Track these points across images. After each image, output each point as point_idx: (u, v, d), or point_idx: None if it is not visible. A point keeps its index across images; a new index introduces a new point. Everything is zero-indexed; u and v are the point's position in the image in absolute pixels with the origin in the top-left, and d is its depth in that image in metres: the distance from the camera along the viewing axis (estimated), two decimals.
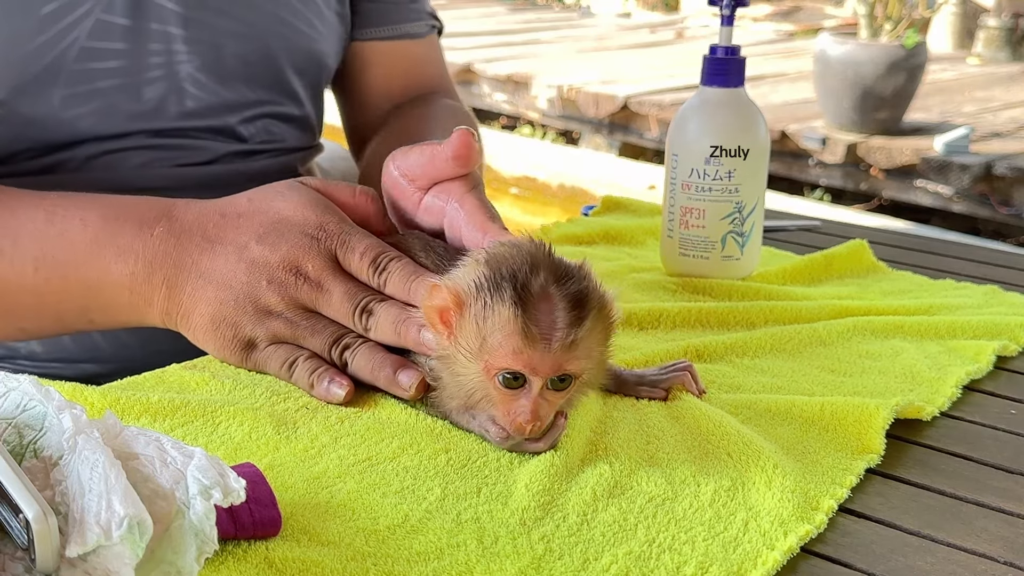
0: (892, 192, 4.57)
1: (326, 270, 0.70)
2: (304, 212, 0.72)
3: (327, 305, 0.70)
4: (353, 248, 0.70)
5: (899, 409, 0.70)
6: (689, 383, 0.72)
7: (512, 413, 0.61)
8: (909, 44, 4.45)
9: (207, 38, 0.91)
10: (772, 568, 0.53)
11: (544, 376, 0.60)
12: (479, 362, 0.60)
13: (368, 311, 0.68)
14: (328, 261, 0.70)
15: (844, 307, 0.89)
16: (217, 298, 0.71)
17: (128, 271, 0.73)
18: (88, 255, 0.75)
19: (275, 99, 0.98)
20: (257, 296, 0.70)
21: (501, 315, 0.59)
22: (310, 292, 0.70)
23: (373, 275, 0.69)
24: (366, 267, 0.69)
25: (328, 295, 0.69)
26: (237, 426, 0.64)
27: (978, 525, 0.60)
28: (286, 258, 0.70)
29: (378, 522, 0.55)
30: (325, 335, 0.69)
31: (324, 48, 1.00)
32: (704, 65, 0.94)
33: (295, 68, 0.98)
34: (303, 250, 0.70)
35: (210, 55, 0.91)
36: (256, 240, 0.71)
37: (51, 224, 0.76)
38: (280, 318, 0.70)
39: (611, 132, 5.45)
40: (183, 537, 0.46)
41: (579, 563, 0.53)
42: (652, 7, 8.90)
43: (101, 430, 0.50)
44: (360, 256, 0.70)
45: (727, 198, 0.92)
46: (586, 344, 0.60)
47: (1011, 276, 1.04)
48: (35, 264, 0.76)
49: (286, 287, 0.70)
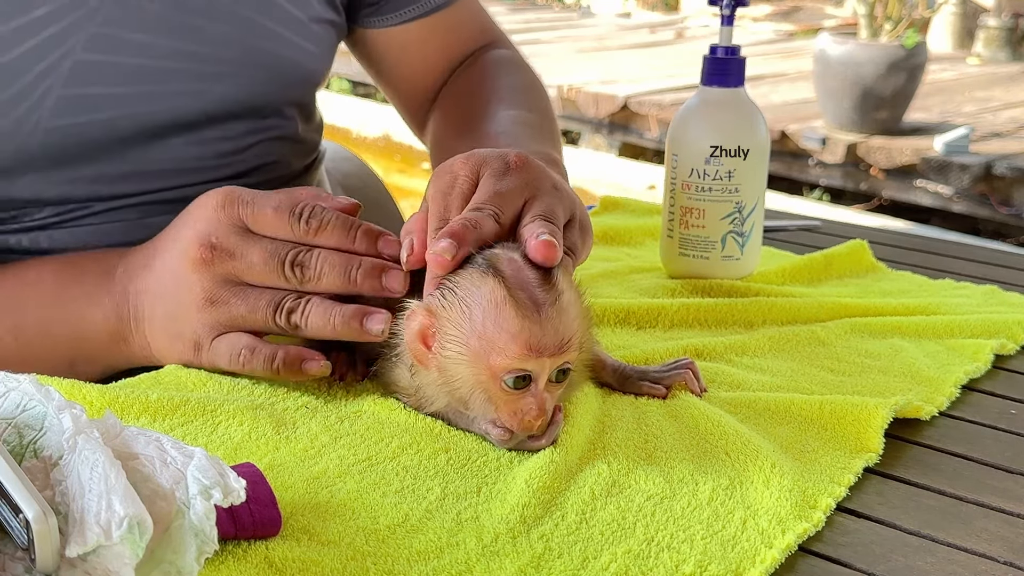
0: (892, 192, 4.57)
1: (234, 235, 0.67)
2: (204, 197, 0.70)
3: (249, 270, 0.67)
4: (262, 206, 0.67)
5: (898, 409, 0.70)
6: (691, 381, 0.72)
7: (519, 412, 0.61)
8: (909, 44, 4.45)
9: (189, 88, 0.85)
10: (770, 566, 0.53)
11: (547, 356, 0.60)
12: (480, 365, 0.60)
13: (299, 263, 0.65)
14: (236, 228, 0.67)
15: (843, 306, 0.89)
16: (164, 312, 0.71)
17: (102, 315, 0.73)
18: (62, 310, 0.75)
19: (260, 124, 0.92)
20: (186, 290, 0.69)
21: (485, 291, 0.59)
22: (227, 262, 0.67)
23: (297, 224, 0.66)
24: (285, 219, 0.66)
25: (246, 260, 0.66)
26: (237, 426, 0.64)
27: (978, 525, 0.60)
28: (196, 237, 0.68)
29: (378, 521, 0.55)
30: (261, 303, 0.66)
31: (312, 67, 0.94)
32: (704, 65, 0.94)
33: (287, 96, 0.94)
34: (209, 223, 0.68)
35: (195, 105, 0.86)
36: (172, 240, 0.71)
37: (22, 288, 0.76)
38: (213, 305, 0.68)
39: (611, 132, 5.45)
40: (183, 537, 0.46)
41: (578, 562, 0.53)
42: (652, 7, 8.90)
43: (101, 430, 0.50)
44: (274, 211, 0.67)
45: (727, 198, 0.92)
46: (568, 305, 0.61)
47: (1011, 276, 1.04)
48: (13, 333, 0.75)
49: (206, 264, 0.67)
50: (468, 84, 1.01)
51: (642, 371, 0.72)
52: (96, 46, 0.79)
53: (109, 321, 0.73)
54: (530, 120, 0.93)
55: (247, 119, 0.90)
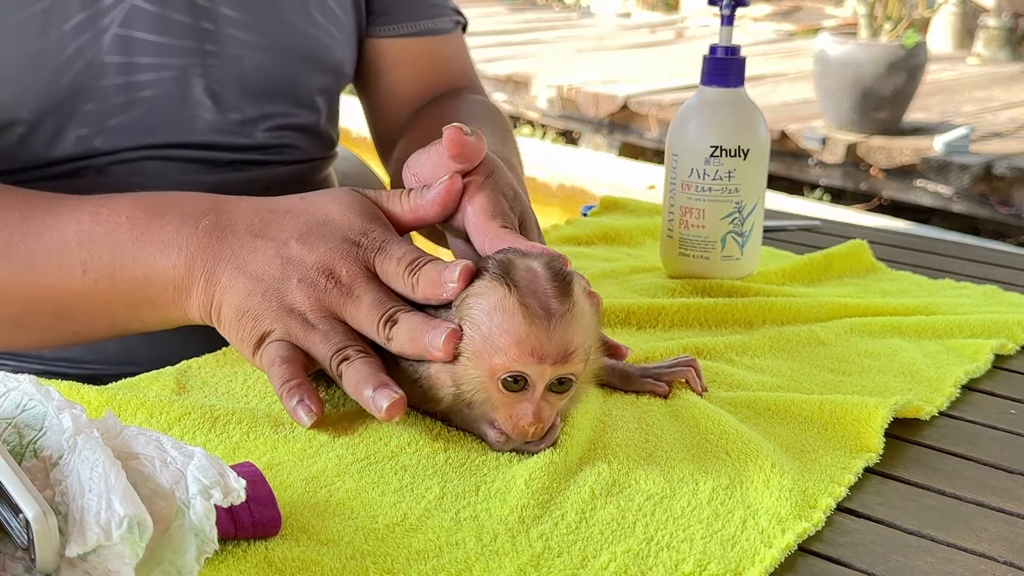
0: (892, 192, 4.57)
1: (359, 277, 0.68)
2: (350, 217, 0.70)
3: (355, 312, 0.67)
4: (391, 254, 0.68)
5: (898, 408, 0.70)
6: (692, 379, 0.72)
7: (515, 416, 0.61)
8: (909, 44, 4.45)
9: (229, 52, 0.91)
10: (770, 566, 0.54)
11: (548, 364, 0.59)
12: (481, 366, 0.60)
13: (393, 320, 0.66)
14: (363, 268, 0.68)
15: (843, 306, 0.89)
16: (246, 289, 0.69)
17: (171, 264, 0.72)
18: (134, 252, 0.73)
19: (292, 111, 0.97)
20: (284, 292, 0.68)
21: (495, 297, 0.59)
22: (339, 297, 0.67)
23: (407, 276, 0.67)
24: (403, 271, 0.67)
25: (357, 302, 0.67)
26: (235, 425, 0.64)
27: (978, 525, 0.60)
28: (321, 260, 0.68)
29: (377, 520, 0.55)
30: (334, 343, 0.67)
31: (342, 56, 1.00)
32: (704, 65, 0.94)
33: (315, 80, 0.98)
34: (340, 254, 0.68)
35: (231, 69, 0.92)
36: (297, 239, 0.70)
37: (96, 225, 0.75)
38: (300, 318, 0.68)
39: (611, 132, 5.45)
40: (183, 537, 0.46)
41: (578, 561, 0.53)
42: (652, 7, 8.90)
43: (101, 430, 0.50)
44: (397, 261, 0.67)
45: (727, 198, 0.92)
46: (580, 317, 0.60)
47: (1011, 276, 1.04)
48: (83, 267, 0.74)
49: (315, 288, 0.68)
50: (439, 111, 1.03)
51: (643, 368, 0.73)
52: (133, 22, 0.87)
53: (178, 270, 0.72)
54: (495, 134, 0.96)
55: (278, 101, 0.96)
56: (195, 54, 0.90)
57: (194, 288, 0.72)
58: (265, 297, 0.69)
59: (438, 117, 0.98)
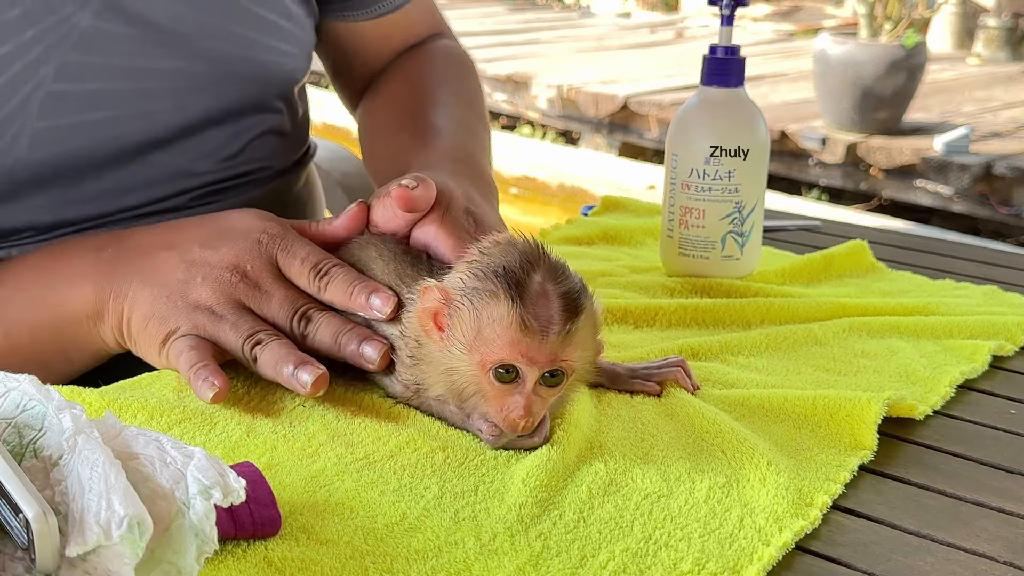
0: (892, 192, 4.57)
1: (265, 271, 0.70)
2: (249, 220, 0.72)
3: (266, 306, 0.69)
4: (295, 253, 0.70)
5: (891, 404, 0.70)
6: (682, 378, 0.72)
7: (505, 409, 0.61)
8: (909, 44, 4.45)
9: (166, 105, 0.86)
10: (768, 563, 0.54)
11: (539, 367, 0.60)
12: (474, 356, 0.61)
13: (307, 317, 0.68)
14: (269, 265, 0.70)
15: (842, 306, 0.89)
16: (152, 296, 0.70)
17: (81, 295, 0.73)
18: (44, 297, 0.74)
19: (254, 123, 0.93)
20: (189, 291, 0.69)
21: (499, 308, 0.60)
22: (247, 289, 0.69)
23: (313, 279, 0.69)
24: (307, 272, 0.69)
25: (268, 297, 0.69)
26: (235, 425, 0.64)
27: (978, 525, 0.60)
28: (225, 258, 0.70)
29: (376, 520, 0.55)
30: (244, 329, 0.68)
31: (293, 66, 0.95)
32: (704, 65, 0.94)
33: (269, 96, 0.94)
34: (244, 251, 0.70)
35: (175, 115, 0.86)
36: (200, 244, 0.71)
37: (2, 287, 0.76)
38: (207, 311, 0.69)
39: (611, 132, 5.45)
40: (183, 537, 0.46)
41: (576, 560, 0.53)
42: (652, 7, 8.90)
43: (101, 430, 0.50)
44: (301, 261, 0.70)
45: (727, 198, 0.92)
46: (579, 338, 0.61)
47: (1011, 276, 1.04)
48: (3, 331, 0.75)
49: (221, 283, 0.69)
50: (412, 73, 1.03)
51: (632, 368, 0.73)
52: (66, 75, 0.79)
53: (88, 299, 0.73)
54: (467, 120, 0.97)
55: (229, 124, 0.90)
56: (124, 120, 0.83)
57: (105, 311, 0.72)
58: (171, 299, 0.70)
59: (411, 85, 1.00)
